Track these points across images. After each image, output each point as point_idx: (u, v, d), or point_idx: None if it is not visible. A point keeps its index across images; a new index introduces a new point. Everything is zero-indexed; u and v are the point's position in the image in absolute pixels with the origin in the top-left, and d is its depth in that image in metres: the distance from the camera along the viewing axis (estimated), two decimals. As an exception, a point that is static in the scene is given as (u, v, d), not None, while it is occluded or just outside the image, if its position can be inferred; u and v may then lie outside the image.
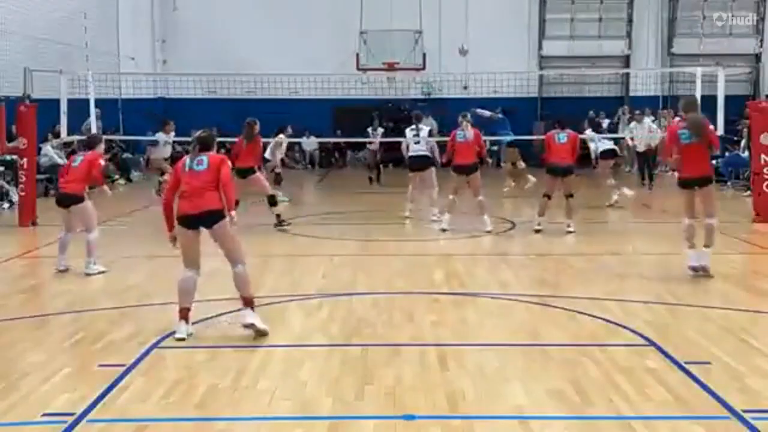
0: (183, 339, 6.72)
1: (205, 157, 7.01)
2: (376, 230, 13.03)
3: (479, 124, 14.32)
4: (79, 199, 9.56)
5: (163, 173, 16.48)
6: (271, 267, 10.11)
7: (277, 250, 11.28)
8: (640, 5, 26.30)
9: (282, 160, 17.65)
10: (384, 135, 20.51)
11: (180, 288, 7.00)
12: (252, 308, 6.87)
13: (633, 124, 19.76)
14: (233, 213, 7.08)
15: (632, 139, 19.32)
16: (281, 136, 16.57)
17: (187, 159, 7.10)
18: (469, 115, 12.92)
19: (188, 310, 6.92)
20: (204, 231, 7.05)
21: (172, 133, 16.83)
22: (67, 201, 9.66)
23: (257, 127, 13.08)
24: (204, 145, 7.09)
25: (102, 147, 10.18)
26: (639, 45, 26.37)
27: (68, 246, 9.73)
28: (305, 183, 21.77)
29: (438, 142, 14.08)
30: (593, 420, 4.97)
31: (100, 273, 9.48)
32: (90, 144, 10.06)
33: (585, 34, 26.19)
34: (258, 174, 13.02)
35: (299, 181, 22.00)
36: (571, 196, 12.27)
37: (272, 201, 13.02)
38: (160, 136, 16.81)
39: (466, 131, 12.45)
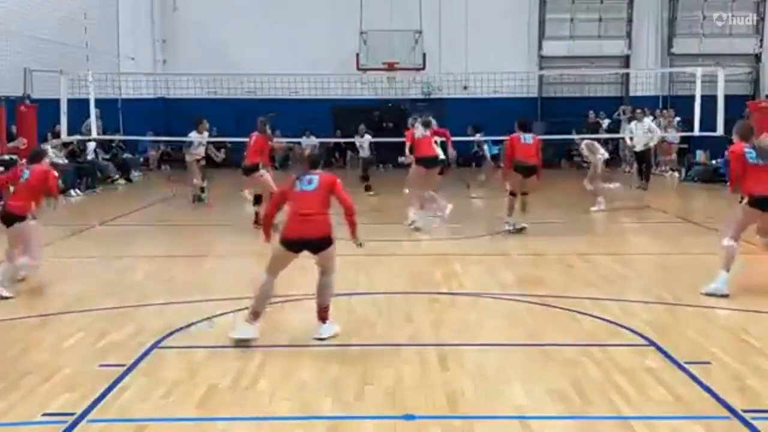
0: (246, 339, 6.50)
1: (315, 177, 6.73)
2: (376, 230, 13.02)
3: None
4: (21, 218, 8.63)
5: (203, 178, 16.05)
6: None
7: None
8: (640, 5, 26.30)
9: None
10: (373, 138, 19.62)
11: (260, 293, 6.70)
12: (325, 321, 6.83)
13: (633, 123, 19.64)
14: (356, 236, 6.92)
15: (631, 138, 19.25)
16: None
17: (296, 181, 6.76)
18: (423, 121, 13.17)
19: (260, 313, 6.68)
20: None
21: (206, 133, 16.26)
22: (10, 220, 8.68)
23: (267, 127, 13.08)
24: (313, 164, 6.82)
25: (47, 161, 9.44)
26: (639, 45, 26.37)
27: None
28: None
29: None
30: (593, 420, 4.98)
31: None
32: (35, 158, 9.16)
33: (585, 34, 26.19)
34: (263, 171, 12.89)
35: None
36: (526, 194, 12.41)
37: (258, 200, 12.89)
38: (194, 135, 16.08)
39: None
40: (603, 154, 15.60)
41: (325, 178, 6.77)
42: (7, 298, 8.20)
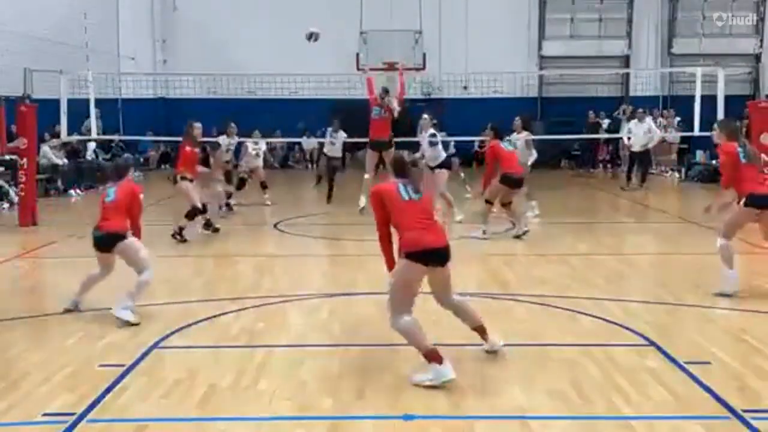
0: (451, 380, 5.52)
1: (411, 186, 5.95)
2: (375, 230, 13.01)
3: None
4: (123, 237, 7.75)
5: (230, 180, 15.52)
6: (271, 267, 10.12)
7: (277, 250, 11.28)
8: (640, 5, 26.31)
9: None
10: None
11: (411, 332, 5.86)
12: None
13: (633, 122, 19.47)
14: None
15: (629, 138, 19.13)
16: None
17: (399, 186, 5.96)
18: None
19: (435, 349, 5.69)
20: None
21: (235, 137, 15.70)
22: (112, 241, 7.82)
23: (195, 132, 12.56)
24: (401, 169, 6.03)
25: (131, 175, 8.29)
26: (639, 45, 26.38)
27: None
28: (305, 183, 21.74)
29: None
30: (593, 420, 4.97)
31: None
32: (121, 173, 8.17)
33: (585, 34, 26.21)
34: (184, 183, 12.06)
35: (299, 181, 22.01)
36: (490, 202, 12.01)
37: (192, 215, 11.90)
38: (223, 139, 15.59)
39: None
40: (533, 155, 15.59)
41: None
42: (134, 324, 7.18)
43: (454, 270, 6.55)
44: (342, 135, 18.14)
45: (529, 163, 13.91)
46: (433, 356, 5.60)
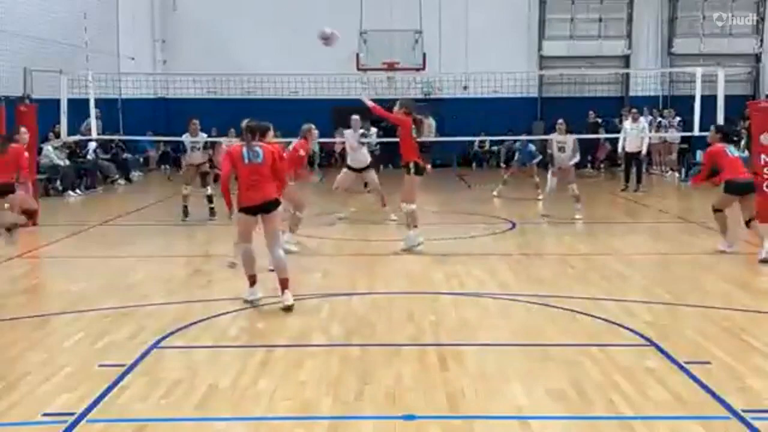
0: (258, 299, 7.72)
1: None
2: (375, 230, 13.04)
3: None
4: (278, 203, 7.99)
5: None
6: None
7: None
8: (640, 5, 26.31)
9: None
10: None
11: (244, 257, 7.92)
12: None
13: (628, 123, 19.35)
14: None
15: (625, 139, 19.04)
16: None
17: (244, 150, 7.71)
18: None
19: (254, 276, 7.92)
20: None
21: (202, 135, 15.14)
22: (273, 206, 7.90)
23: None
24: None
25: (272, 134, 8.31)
26: (639, 45, 26.38)
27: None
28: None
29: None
30: (593, 420, 4.97)
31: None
32: (263, 133, 8.03)
33: (585, 34, 26.20)
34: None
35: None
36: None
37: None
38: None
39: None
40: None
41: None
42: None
43: (458, 267, 6.56)
44: (374, 131, 18.69)
45: (571, 163, 14.19)
46: (252, 281, 7.82)
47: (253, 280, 7.86)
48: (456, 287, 8.82)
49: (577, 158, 14.32)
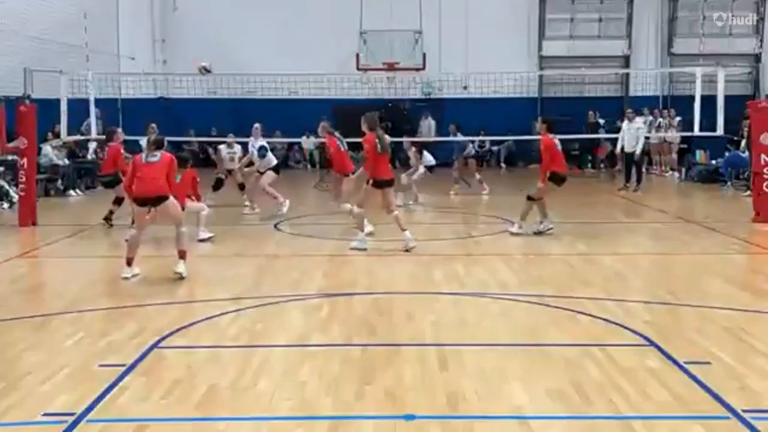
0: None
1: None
2: (375, 230, 13.02)
3: None
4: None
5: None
6: (271, 267, 10.12)
7: (277, 250, 11.28)
8: (640, 5, 26.31)
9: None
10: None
11: (131, 240, 9.35)
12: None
13: (625, 123, 19.34)
14: None
15: (623, 138, 19.02)
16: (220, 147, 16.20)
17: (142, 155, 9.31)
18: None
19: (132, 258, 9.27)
20: None
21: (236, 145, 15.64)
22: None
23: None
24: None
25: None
26: (639, 45, 26.37)
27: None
28: (305, 183, 21.76)
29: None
30: (593, 420, 4.97)
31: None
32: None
33: (585, 34, 26.20)
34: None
35: (299, 181, 22.00)
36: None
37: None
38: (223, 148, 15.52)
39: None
40: (428, 162, 16.86)
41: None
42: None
43: (458, 267, 6.55)
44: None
45: None
46: (129, 262, 9.20)
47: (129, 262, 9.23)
48: (456, 287, 8.82)
49: None
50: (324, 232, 12.71)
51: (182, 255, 9.23)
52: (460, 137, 17.84)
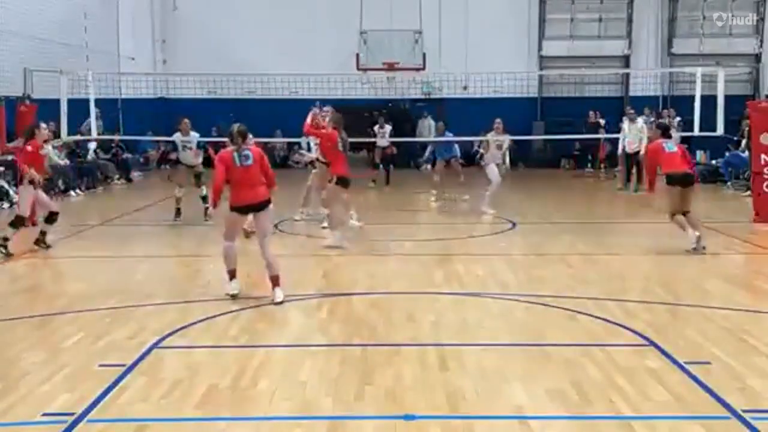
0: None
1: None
2: (375, 230, 13.03)
3: None
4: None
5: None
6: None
7: (277, 250, 11.26)
8: (640, 5, 26.29)
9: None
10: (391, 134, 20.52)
11: (225, 254, 8.29)
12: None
13: (626, 123, 19.29)
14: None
15: (624, 139, 18.97)
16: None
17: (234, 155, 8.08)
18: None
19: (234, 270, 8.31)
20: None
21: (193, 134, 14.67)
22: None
23: None
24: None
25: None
26: (639, 45, 26.35)
27: None
28: (305, 183, 21.72)
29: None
30: (593, 420, 4.97)
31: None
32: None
33: (585, 34, 26.18)
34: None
35: (299, 181, 21.97)
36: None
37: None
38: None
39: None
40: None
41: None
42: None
43: (458, 267, 6.56)
44: (388, 128, 20.23)
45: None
46: (231, 275, 8.18)
47: (232, 275, 8.23)
48: (456, 287, 8.82)
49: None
50: (324, 232, 12.69)
51: (276, 281, 8.05)
52: (450, 137, 17.44)
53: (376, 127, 20.74)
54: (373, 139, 20.63)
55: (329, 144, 11.34)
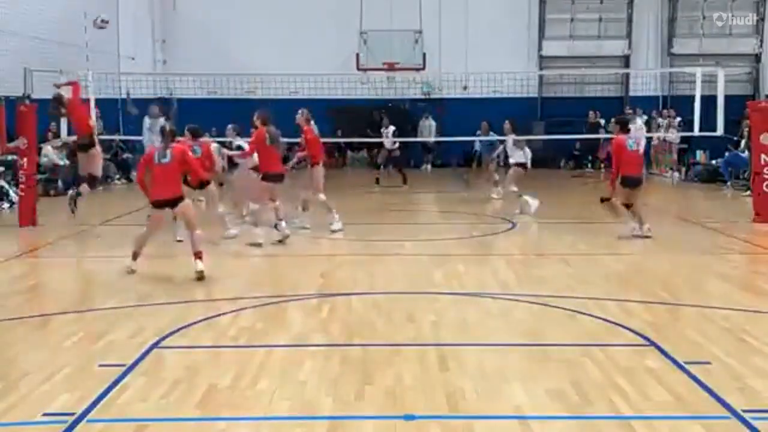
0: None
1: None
2: (375, 230, 13.04)
3: None
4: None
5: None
6: (271, 267, 10.12)
7: (277, 250, 11.28)
8: (640, 5, 26.29)
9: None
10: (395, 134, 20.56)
11: (140, 235, 9.52)
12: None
13: None
14: None
15: None
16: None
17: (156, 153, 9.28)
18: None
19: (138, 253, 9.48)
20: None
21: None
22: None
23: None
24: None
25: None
26: (639, 45, 26.35)
27: None
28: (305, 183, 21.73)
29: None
30: (593, 420, 4.97)
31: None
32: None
33: (585, 34, 26.19)
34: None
35: (299, 181, 21.97)
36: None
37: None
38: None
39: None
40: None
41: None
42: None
43: (458, 267, 6.56)
44: (392, 128, 20.33)
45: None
46: (134, 257, 9.32)
47: (135, 257, 9.37)
48: (456, 287, 8.82)
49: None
50: (324, 231, 12.70)
51: (199, 256, 9.14)
52: (493, 136, 17.49)
53: (382, 129, 20.75)
54: (373, 140, 20.65)
55: (259, 141, 11.57)
